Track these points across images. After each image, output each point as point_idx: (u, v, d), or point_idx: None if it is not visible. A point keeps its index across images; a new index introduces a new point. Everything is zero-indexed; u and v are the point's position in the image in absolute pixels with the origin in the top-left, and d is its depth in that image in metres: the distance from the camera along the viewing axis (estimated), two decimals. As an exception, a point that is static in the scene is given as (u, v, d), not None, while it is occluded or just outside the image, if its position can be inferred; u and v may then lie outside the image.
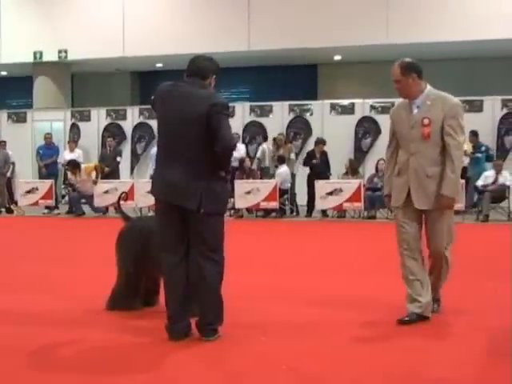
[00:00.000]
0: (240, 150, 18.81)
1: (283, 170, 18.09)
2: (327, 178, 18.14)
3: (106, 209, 18.50)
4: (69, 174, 19.42)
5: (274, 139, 19.06)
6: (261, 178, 18.38)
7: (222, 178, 5.58)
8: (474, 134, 18.20)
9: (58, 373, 4.87)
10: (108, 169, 19.64)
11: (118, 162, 20.23)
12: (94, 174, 18.99)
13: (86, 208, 18.81)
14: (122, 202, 7.50)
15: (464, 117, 6.19)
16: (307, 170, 18.54)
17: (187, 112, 5.43)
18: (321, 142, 18.53)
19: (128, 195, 16.74)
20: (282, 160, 18.20)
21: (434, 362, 5.04)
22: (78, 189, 18.69)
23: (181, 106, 5.48)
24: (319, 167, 18.11)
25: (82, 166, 19.34)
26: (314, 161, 18.21)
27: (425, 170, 6.11)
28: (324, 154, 18.37)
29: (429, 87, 6.22)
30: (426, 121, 6.10)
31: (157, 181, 5.71)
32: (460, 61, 23.92)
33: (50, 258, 10.71)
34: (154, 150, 20.63)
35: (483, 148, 18.33)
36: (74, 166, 19.10)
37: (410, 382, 4.63)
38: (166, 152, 5.61)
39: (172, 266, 5.57)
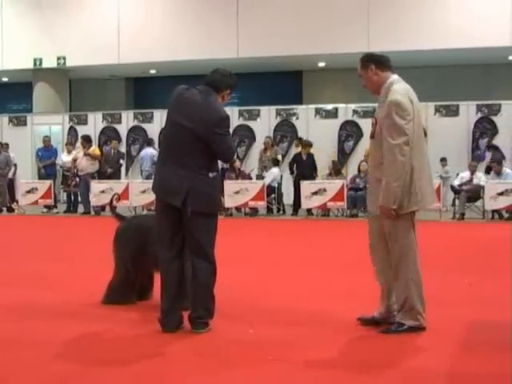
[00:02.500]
0: (232, 153, 18.83)
1: (276, 170, 18.30)
2: (313, 178, 18.18)
3: (102, 208, 18.43)
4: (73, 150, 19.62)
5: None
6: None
7: (212, 178, 5.58)
8: None
9: (56, 363, 4.86)
10: (111, 170, 19.64)
11: (121, 165, 20.24)
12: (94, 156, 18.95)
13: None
14: (115, 203, 7.46)
15: (404, 115, 5.24)
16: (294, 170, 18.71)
17: (185, 117, 5.46)
18: (307, 144, 18.59)
19: (123, 195, 16.86)
20: (276, 162, 18.56)
21: (411, 352, 5.07)
22: (79, 164, 18.72)
23: (182, 110, 5.51)
24: (305, 168, 18.19)
25: (93, 146, 19.37)
26: (294, 171, 18.53)
27: (373, 173, 5.58)
28: (310, 156, 18.44)
29: (392, 79, 5.49)
30: (373, 119, 5.50)
31: (155, 179, 5.80)
32: (437, 68, 24.00)
33: (48, 255, 10.68)
34: (143, 152, 20.69)
35: None
36: (86, 139, 19.11)
37: (388, 371, 4.65)
38: (165, 152, 5.69)
39: (167, 261, 5.59)
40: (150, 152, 20.10)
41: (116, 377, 4.58)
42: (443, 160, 19.13)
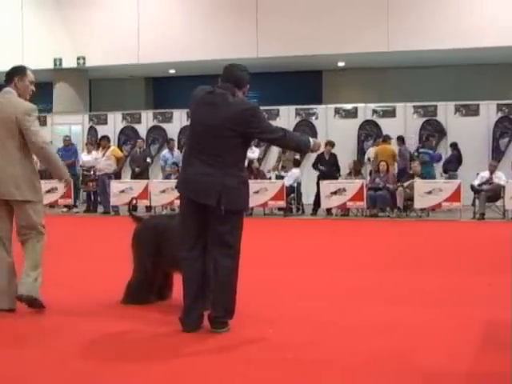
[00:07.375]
0: (254, 152, 18.94)
1: (297, 171, 18.47)
2: (336, 178, 18.16)
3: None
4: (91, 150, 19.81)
5: None
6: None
7: (244, 177, 5.61)
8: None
9: (73, 363, 4.87)
10: (138, 169, 19.71)
11: (148, 163, 20.26)
12: (113, 158, 19.01)
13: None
14: (133, 203, 7.47)
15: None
16: (314, 170, 18.75)
17: (218, 116, 5.43)
18: (328, 143, 18.60)
19: (142, 195, 16.99)
20: (296, 163, 18.68)
21: (428, 353, 5.05)
22: (98, 166, 18.84)
23: (213, 110, 5.48)
24: (328, 169, 18.20)
25: (113, 146, 19.57)
26: (321, 167, 18.37)
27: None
28: (333, 156, 18.45)
29: None
30: None
31: (181, 178, 5.80)
32: (457, 67, 23.87)
33: (66, 254, 10.73)
34: (165, 151, 20.65)
35: None
36: (108, 140, 19.39)
37: (405, 371, 4.63)
38: (192, 152, 5.62)
39: (190, 260, 5.55)
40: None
41: (135, 376, 4.59)
42: None
